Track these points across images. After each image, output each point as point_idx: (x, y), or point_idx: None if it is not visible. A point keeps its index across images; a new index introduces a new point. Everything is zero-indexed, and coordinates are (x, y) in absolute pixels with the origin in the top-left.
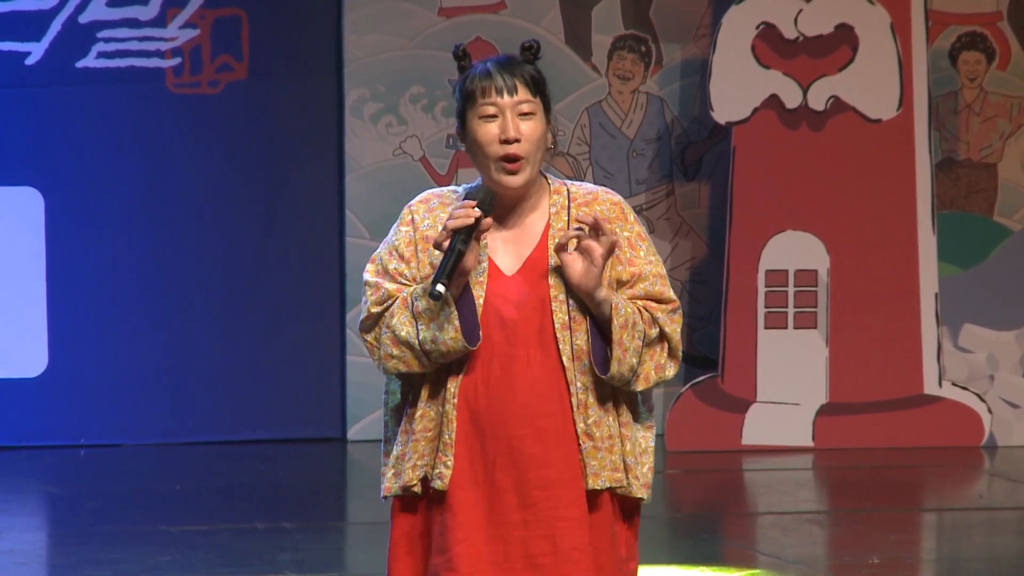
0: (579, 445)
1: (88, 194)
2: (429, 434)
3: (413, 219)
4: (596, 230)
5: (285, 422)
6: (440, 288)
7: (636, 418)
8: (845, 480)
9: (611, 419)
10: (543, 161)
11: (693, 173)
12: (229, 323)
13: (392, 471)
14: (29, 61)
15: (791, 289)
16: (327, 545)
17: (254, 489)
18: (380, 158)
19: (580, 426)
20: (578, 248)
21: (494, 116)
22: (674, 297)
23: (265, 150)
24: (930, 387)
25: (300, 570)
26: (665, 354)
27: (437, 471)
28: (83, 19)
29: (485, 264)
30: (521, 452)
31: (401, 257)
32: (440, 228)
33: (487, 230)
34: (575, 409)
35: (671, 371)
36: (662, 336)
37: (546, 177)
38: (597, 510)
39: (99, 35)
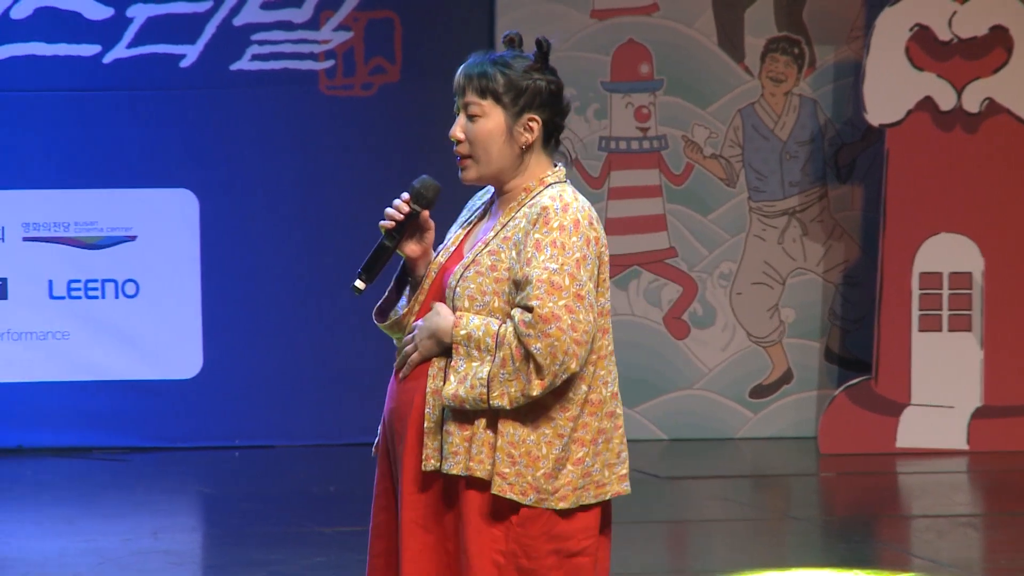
0: (422, 425)
1: (242, 196)
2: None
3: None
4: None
5: None
6: (358, 283)
7: (535, 425)
8: (1000, 483)
9: (478, 411)
10: (506, 158)
11: (846, 175)
12: None
13: None
14: (184, 64)
15: (945, 292)
16: None
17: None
18: None
19: (428, 409)
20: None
21: (456, 115)
22: (551, 308)
23: (417, 152)
24: None
25: None
26: (527, 366)
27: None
28: (237, 22)
29: (456, 245)
30: (393, 426)
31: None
32: (464, 212)
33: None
34: (428, 393)
35: (535, 392)
36: (525, 352)
37: (545, 172)
38: (454, 497)
39: (253, 38)
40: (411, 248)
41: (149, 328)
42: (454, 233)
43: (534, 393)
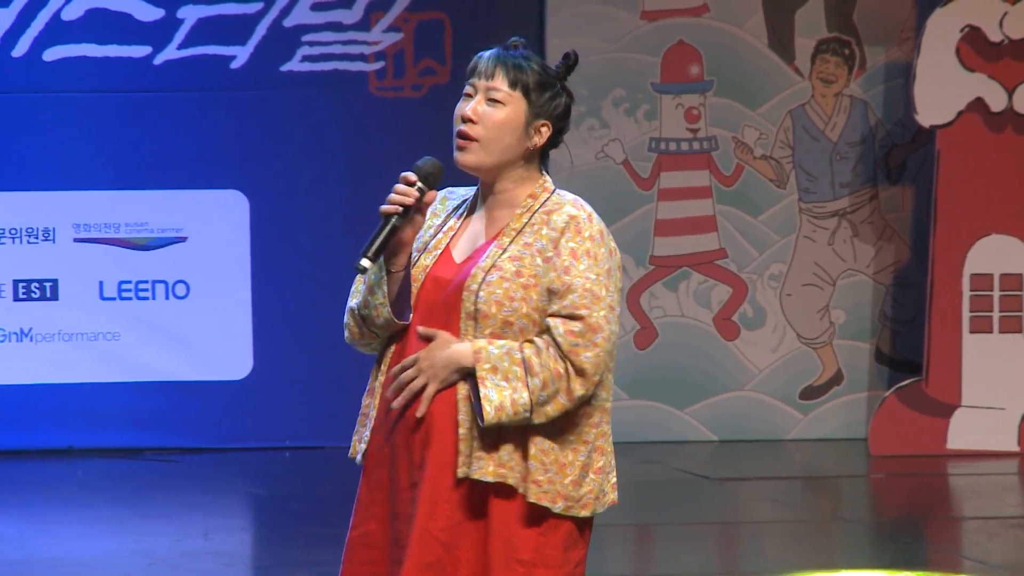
0: (457, 434)
1: (292, 197)
2: (364, 408)
3: (432, 212)
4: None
5: None
6: (365, 262)
7: (562, 431)
8: None
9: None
10: (510, 155)
11: (897, 176)
12: None
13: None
14: (234, 65)
15: (996, 293)
16: None
17: None
18: (583, 161)
19: (461, 415)
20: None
21: (470, 96)
22: (597, 318)
23: None
24: None
25: None
26: (571, 381)
27: (355, 439)
28: (287, 23)
29: (441, 248)
30: (415, 432)
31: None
32: (432, 216)
33: (431, 203)
34: (459, 398)
35: (579, 392)
36: (568, 360)
37: (542, 179)
38: (482, 504)
39: (303, 39)
40: (406, 232)
41: (199, 329)
42: (427, 235)
43: (574, 404)
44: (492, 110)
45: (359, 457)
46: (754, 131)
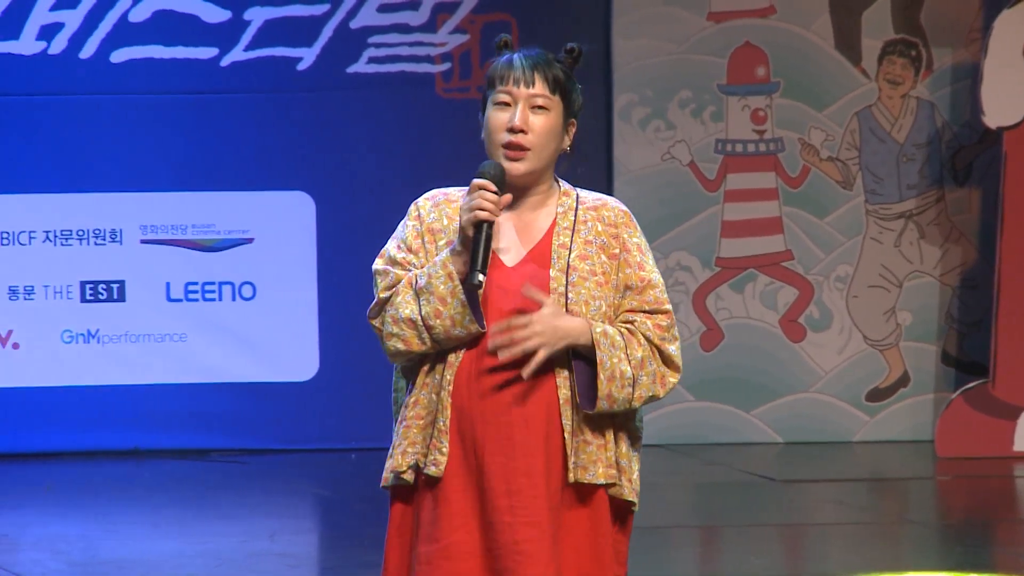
0: (563, 438)
1: (358, 199)
2: (421, 421)
3: (420, 214)
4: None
5: None
6: (481, 276)
7: (629, 424)
8: None
9: (604, 417)
10: (553, 159)
11: (963, 178)
12: None
13: (390, 461)
14: (301, 66)
15: None
16: None
17: None
18: (648, 163)
19: (565, 420)
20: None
21: (507, 104)
22: (670, 308)
23: None
24: None
25: None
26: (663, 367)
27: (431, 458)
28: (354, 24)
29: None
30: (510, 439)
31: (409, 248)
32: (445, 220)
33: (506, 205)
34: (561, 402)
35: (672, 381)
36: (657, 351)
37: (557, 180)
38: (587, 506)
39: (370, 40)
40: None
41: (266, 330)
42: (452, 236)
43: (666, 394)
44: (539, 118)
45: (434, 469)
46: (820, 133)
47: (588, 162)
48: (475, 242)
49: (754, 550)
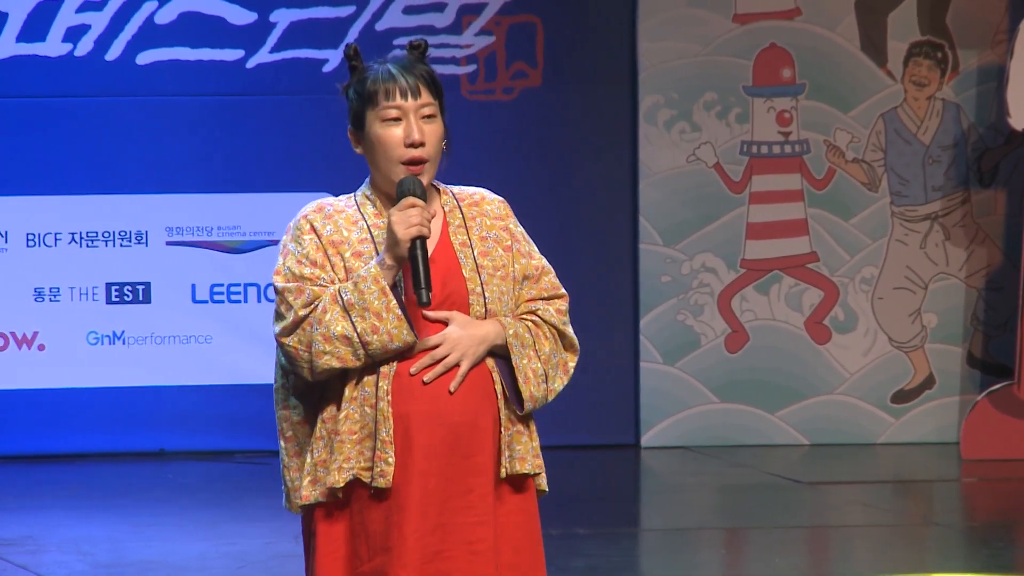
0: (501, 431)
1: None
2: (355, 436)
3: (314, 227)
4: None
5: (578, 428)
6: (427, 294)
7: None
8: None
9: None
10: (439, 160)
11: (989, 180)
12: None
13: (309, 479)
14: (327, 68)
15: None
16: (621, 552)
17: (548, 495)
18: (674, 165)
19: (505, 412)
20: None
21: (397, 119)
22: (565, 292)
23: (559, 157)
24: None
25: None
26: (564, 352)
27: (378, 469)
28: (379, 26)
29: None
30: (459, 439)
31: (314, 263)
32: (344, 231)
33: (432, 217)
34: (499, 396)
35: (572, 365)
36: (560, 335)
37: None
38: (519, 497)
39: (395, 42)
40: None
41: None
42: (353, 249)
43: (571, 371)
44: (430, 126)
45: (382, 480)
46: (846, 134)
47: (613, 166)
48: (413, 259)
49: (779, 552)
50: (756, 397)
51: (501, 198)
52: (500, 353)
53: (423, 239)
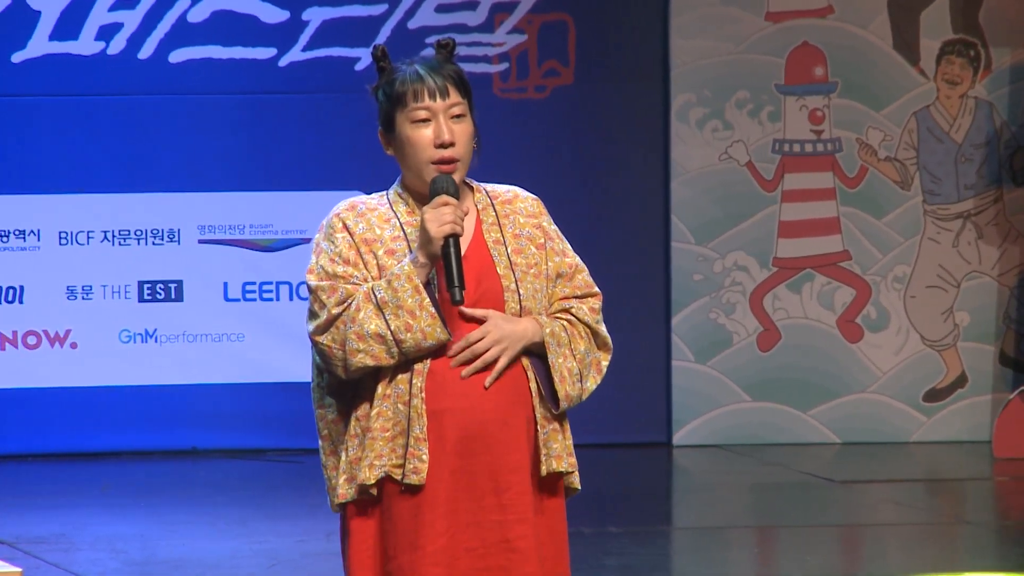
0: (537, 430)
1: None
2: (387, 433)
3: (347, 225)
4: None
5: (611, 427)
6: (460, 292)
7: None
8: None
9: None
10: (470, 159)
11: (1022, 178)
12: None
13: (344, 477)
14: (359, 67)
15: None
16: (653, 550)
17: (580, 493)
18: (706, 163)
19: (539, 411)
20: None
21: (427, 120)
22: (598, 290)
23: (591, 155)
24: None
25: (626, 574)
26: (598, 352)
27: (411, 466)
28: (412, 25)
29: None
30: (494, 436)
31: (347, 261)
32: (377, 230)
33: (465, 215)
34: (533, 394)
35: (605, 364)
36: (593, 334)
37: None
38: (550, 496)
39: (428, 41)
40: None
41: None
42: (386, 247)
43: (601, 379)
44: (460, 126)
45: (415, 477)
46: (878, 133)
47: (645, 164)
48: (446, 257)
49: (811, 551)
50: (788, 396)
51: (535, 196)
52: (535, 351)
53: (456, 237)
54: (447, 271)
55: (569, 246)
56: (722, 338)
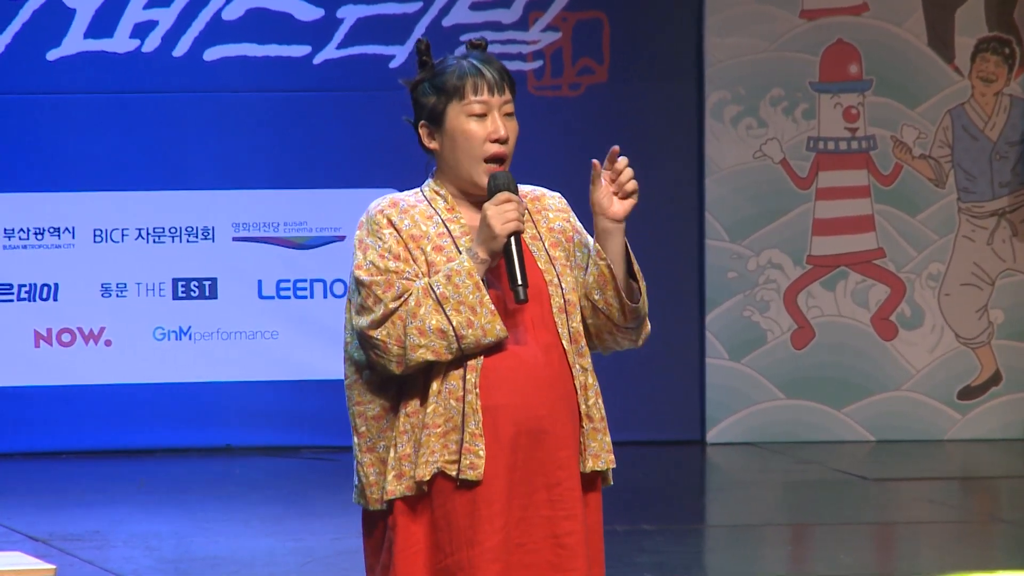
0: (582, 427)
1: None
2: (439, 429)
3: (391, 222)
4: (612, 161)
5: (645, 424)
6: (524, 292)
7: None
8: None
9: (602, 402)
10: None
11: None
12: None
13: (394, 473)
14: (393, 64)
15: None
16: (686, 548)
17: (614, 491)
18: (740, 160)
19: (583, 407)
20: (612, 180)
21: (482, 115)
22: None
23: (625, 153)
24: None
25: (659, 572)
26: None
27: (467, 461)
28: (446, 22)
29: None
30: (545, 432)
31: (397, 257)
32: (423, 226)
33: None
34: (578, 391)
35: (649, 330)
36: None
37: None
38: (595, 492)
39: (462, 38)
40: None
41: None
42: (432, 243)
43: (643, 341)
44: (512, 124)
45: (472, 473)
46: (913, 130)
47: (679, 162)
48: (508, 254)
49: (844, 549)
50: (822, 393)
51: (558, 193)
52: (611, 259)
53: (519, 234)
54: (509, 269)
55: (591, 238)
56: (756, 336)
